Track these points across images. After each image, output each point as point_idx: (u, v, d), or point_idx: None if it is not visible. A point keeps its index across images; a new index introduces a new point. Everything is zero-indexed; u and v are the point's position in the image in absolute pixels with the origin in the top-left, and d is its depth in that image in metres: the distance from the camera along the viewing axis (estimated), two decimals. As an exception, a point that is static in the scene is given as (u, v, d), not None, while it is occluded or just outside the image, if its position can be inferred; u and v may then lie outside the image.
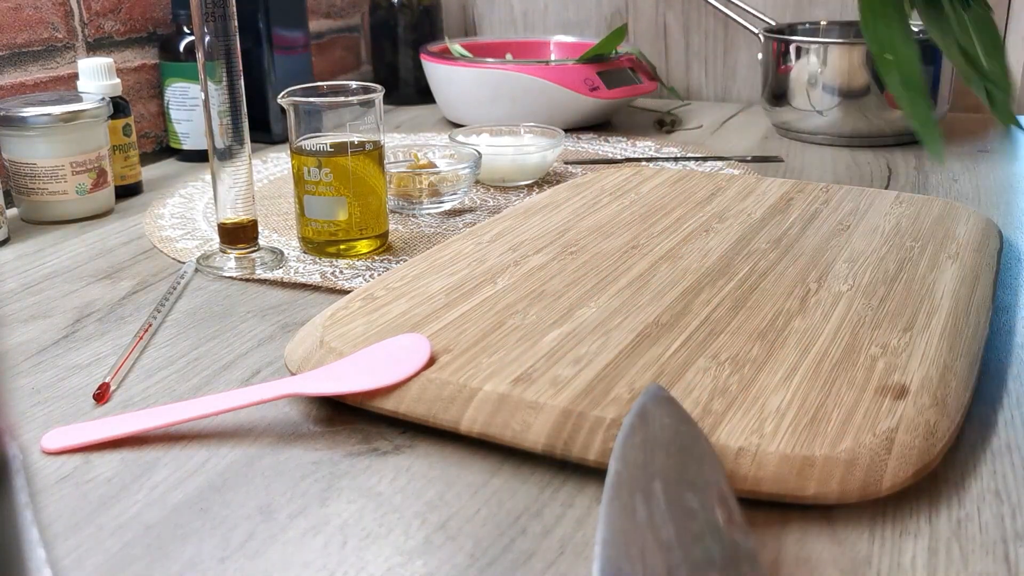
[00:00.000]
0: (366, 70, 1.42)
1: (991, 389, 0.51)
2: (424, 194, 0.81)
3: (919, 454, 0.41)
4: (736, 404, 0.44)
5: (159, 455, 0.46)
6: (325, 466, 0.45)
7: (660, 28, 1.36)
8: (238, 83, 0.67)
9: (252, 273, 0.69)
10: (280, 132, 1.10)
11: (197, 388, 0.53)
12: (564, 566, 0.37)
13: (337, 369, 0.49)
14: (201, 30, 0.65)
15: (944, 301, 0.55)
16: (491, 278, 0.59)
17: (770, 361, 0.48)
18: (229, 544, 0.39)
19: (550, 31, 1.41)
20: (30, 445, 0.46)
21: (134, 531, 0.40)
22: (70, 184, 0.81)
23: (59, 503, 0.42)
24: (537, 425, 0.44)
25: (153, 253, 0.74)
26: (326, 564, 0.38)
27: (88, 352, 0.57)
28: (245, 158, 0.68)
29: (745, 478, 0.40)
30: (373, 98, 0.70)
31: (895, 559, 0.38)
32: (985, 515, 0.40)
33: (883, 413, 0.43)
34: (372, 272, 0.68)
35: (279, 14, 1.08)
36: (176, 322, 0.61)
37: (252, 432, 0.48)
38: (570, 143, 1.08)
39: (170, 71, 1.01)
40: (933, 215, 0.71)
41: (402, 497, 0.42)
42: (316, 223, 0.70)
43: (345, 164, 0.69)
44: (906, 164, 0.98)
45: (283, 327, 0.60)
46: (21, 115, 0.79)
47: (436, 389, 0.46)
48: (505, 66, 1.11)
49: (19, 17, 0.89)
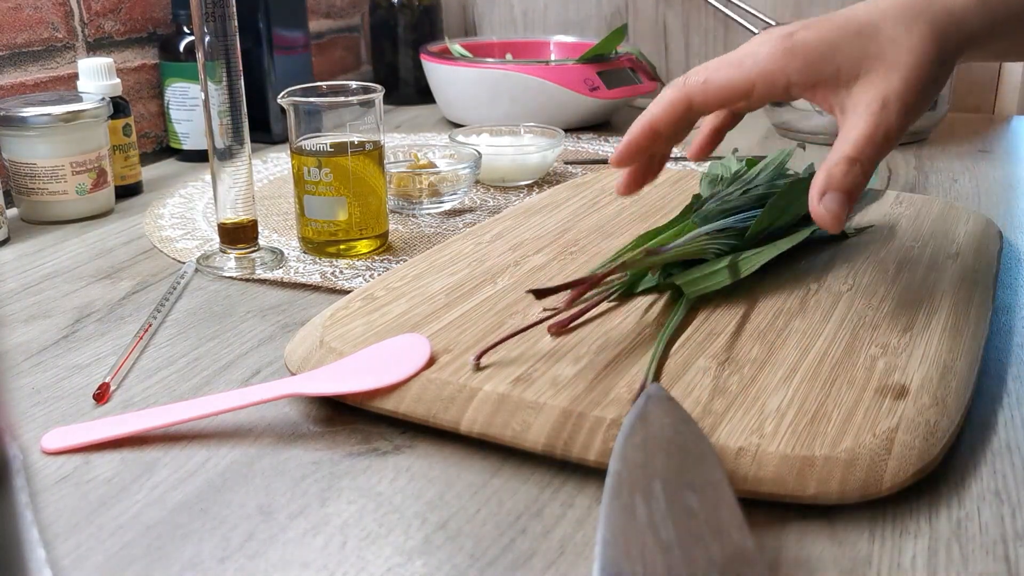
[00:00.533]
0: (366, 70, 1.42)
1: (991, 389, 0.51)
2: (424, 194, 0.81)
3: (919, 454, 0.41)
4: (736, 404, 0.44)
5: (159, 455, 0.46)
6: (325, 466, 0.45)
7: (660, 28, 1.36)
8: (238, 83, 0.67)
9: (252, 273, 0.69)
10: (280, 132, 1.10)
11: (197, 388, 0.53)
12: (564, 566, 0.37)
13: (337, 369, 0.49)
14: (201, 30, 0.65)
15: (944, 301, 0.55)
16: (491, 278, 0.59)
17: (770, 361, 0.48)
18: (229, 544, 0.39)
19: (550, 31, 1.41)
20: (30, 445, 0.46)
21: (134, 531, 0.40)
22: (70, 184, 0.81)
23: (59, 503, 0.42)
24: (537, 425, 0.44)
25: (153, 253, 0.74)
26: (326, 564, 0.38)
27: (88, 352, 0.57)
28: (245, 158, 0.68)
29: (745, 478, 0.40)
30: (373, 98, 0.70)
31: (895, 559, 0.38)
32: (985, 515, 0.40)
33: (883, 413, 0.43)
34: (372, 272, 0.68)
35: (279, 14, 1.08)
36: (176, 322, 0.61)
37: (252, 432, 0.48)
38: (570, 143, 1.08)
39: (170, 71, 1.02)
40: (933, 215, 0.71)
41: (402, 497, 0.42)
42: (316, 223, 0.70)
43: (345, 164, 0.69)
44: (906, 164, 0.98)
45: (283, 327, 0.60)
46: (21, 115, 0.79)
47: (436, 389, 0.46)
48: (505, 66, 1.11)
49: (19, 17, 0.89)
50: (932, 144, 1.06)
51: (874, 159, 0.50)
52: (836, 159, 0.50)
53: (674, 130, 0.55)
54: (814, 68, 0.51)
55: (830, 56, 0.51)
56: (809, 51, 0.51)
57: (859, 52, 0.51)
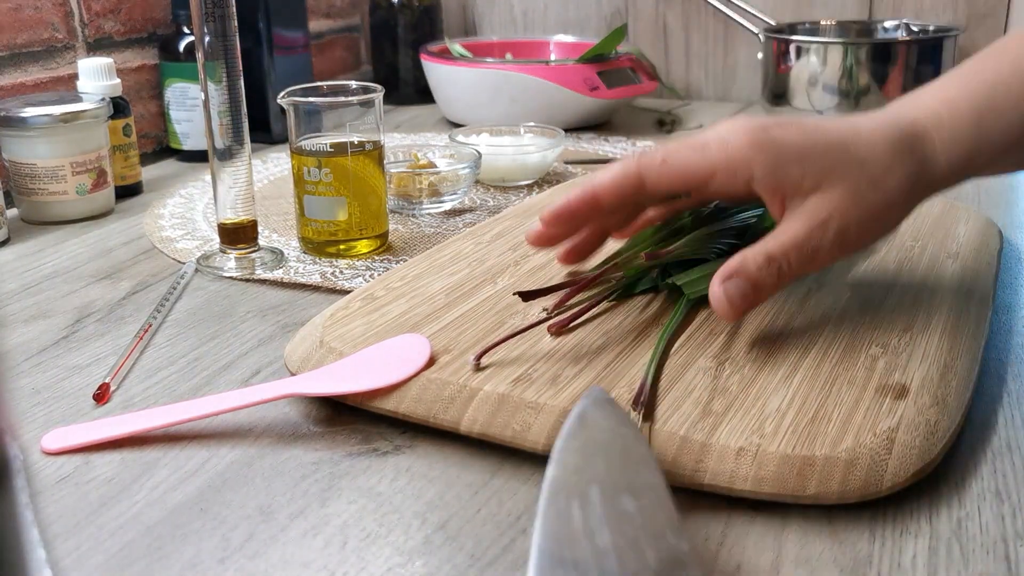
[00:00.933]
0: (366, 70, 1.42)
1: (991, 388, 0.51)
2: (424, 194, 0.81)
3: (919, 454, 0.41)
4: (737, 404, 0.44)
5: (159, 455, 0.46)
6: (325, 466, 0.45)
7: (660, 28, 1.36)
8: (238, 83, 0.67)
9: (252, 273, 0.69)
10: (280, 132, 1.10)
11: (197, 388, 0.53)
12: (564, 566, 0.37)
13: (337, 369, 0.49)
14: (201, 30, 0.65)
15: (944, 300, 0.55)
16: (491, 278, 0.59)
17: (770, 361, 0.48)
18: (229, 544, 0.39)
19: (550, 31, 1.41)
20: (30, 445, 0.46)
21: (134, 531, 0.40)
22: (70, 184, 0.81)
23: (59, 503, 0.42)
24: (537, 425, 0.44)
25: (153, 253, 0.74)
26: (326, 564, 0.38)
27: (88, 352, 0.57)
28: (245, 158, 0.68)
29: (746, 478, 0.40)
30: (373, 98, 0.70)
31: (896, 559, 0.38)
32: (986, 514, 0.40)
33: (883, 413, 0.43)
34: (372, 272, 0.68)
35: (279, 14, 1.08)
36: (176, 322, 0.61)
37: (252, 432, 0.48)
38: (570, 143, 1.08)
39: (170, 71, 1.02)
40: (933, 215, 0.71)
41: (402, 497, 0.42)
42: (316, 223, 0.70)
43: (345, 164, 0.69)
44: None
45: (283, 327, 0.60)
46: (21, 115, 0.79)
47: (436, 389, 0.46)
48: (505, 66, 1.11)
49: (19, 17, 0.89)
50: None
51: (794, 270, 0.48)
52: (757, 251, 0.48)
53: (618, 203, 0.51)
54: (781, 170, 0.48)
55: (799, 161, 0.48)
56: (781, 151, 0.48)
57: (829, 165, 0.48)
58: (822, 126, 0.50)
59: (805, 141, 0.49)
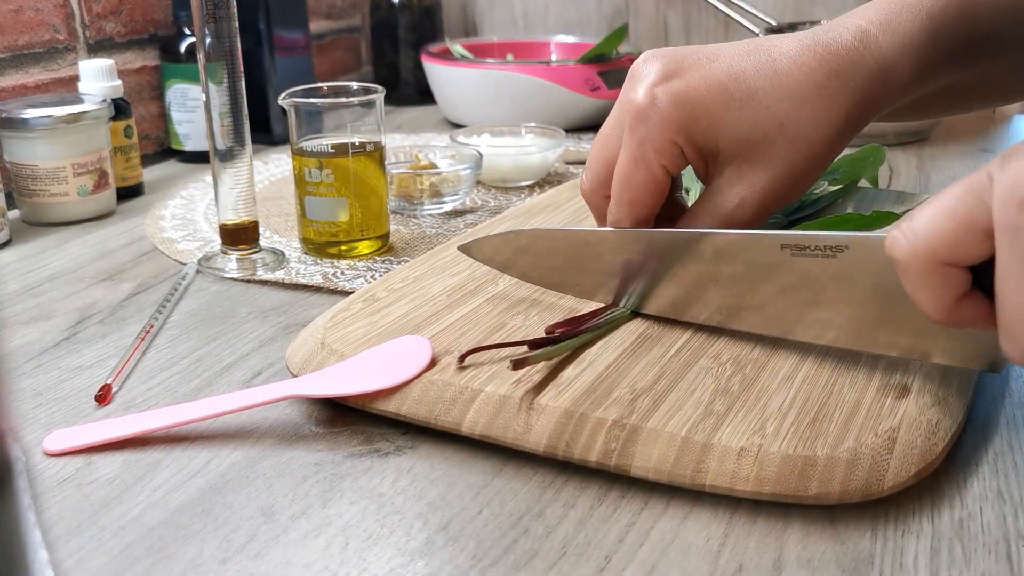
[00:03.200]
0: (367, 71, 1.42)
1: (993, 388, 0.51)
2: (425, 195, 0.81)
3: (921, 453, 0.41)
4: (738, 404, 0.44)
5: (161, 456, 0.46)
6: (327, 467, 0.45)
7: (660, 28, 1.36)
8: (239, 84, 0.67)
9: (253, 274, 0.69)
10: (281, 133, 1.10)
11: (199, 389, 0.53)
12: (566, 567, 0.37)
13: (338, 371, 0.49)
14: (202, 31, 0.65)
15: (946, 300, 0.55)
16: (493, 279, 0.59)
17: (772, 361, 0.48)
18: (231, 545, 0.39)
19: (551, 31, 1.41)
20: (32, 447, 0.46)
21: (136, 532, 0.40)
22: (71, 186, 0.81)
23: (61, 505, 0.42)
24: (539, 427, 0.44)
25: (154, 254, 0.75)
26: (328, 565, 0.38)
27: (90, 354, 0.57)
28: (246, 159, 0.68)
29: (747, 478, 0.40)
30: (374, 99, 0.70)
31: (897, 558, 0.38)
32: (987, 514, 0.40)
33: (885, 412, 0.43)
34: (373, 273, 0.68)
35: (280, 15, 1.08)
36: (177, 323, 0.61)
37: (254, 433, 0.48)
38: (571, 143, 1.08)
39: (171, 72, 1.02)
40: (934, 214, 0.71)
41: (404, 498, 0.42)
42: (317, 224, 0.70)
43: (346, 165, 0.69)
44: (907, 164, 0.98)
45: (284, 328, 0.60)
46: (23, 117, 0.79)
47: (438, 391, 0.46)
48: (506, 66, 1.11)
49: (20, 19, 0.89)
50: (933, 143, 1.06)
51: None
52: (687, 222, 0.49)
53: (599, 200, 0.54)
54: (696, 139, 0.47)
55: (709, 130, 0.46)
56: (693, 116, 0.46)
57: (743, 134, 0.45)
58: (734, 72, 0.46)
59: (715, 101, 0.46)
